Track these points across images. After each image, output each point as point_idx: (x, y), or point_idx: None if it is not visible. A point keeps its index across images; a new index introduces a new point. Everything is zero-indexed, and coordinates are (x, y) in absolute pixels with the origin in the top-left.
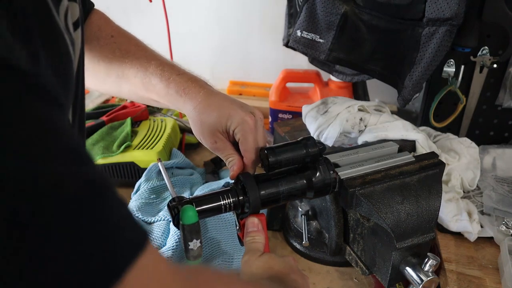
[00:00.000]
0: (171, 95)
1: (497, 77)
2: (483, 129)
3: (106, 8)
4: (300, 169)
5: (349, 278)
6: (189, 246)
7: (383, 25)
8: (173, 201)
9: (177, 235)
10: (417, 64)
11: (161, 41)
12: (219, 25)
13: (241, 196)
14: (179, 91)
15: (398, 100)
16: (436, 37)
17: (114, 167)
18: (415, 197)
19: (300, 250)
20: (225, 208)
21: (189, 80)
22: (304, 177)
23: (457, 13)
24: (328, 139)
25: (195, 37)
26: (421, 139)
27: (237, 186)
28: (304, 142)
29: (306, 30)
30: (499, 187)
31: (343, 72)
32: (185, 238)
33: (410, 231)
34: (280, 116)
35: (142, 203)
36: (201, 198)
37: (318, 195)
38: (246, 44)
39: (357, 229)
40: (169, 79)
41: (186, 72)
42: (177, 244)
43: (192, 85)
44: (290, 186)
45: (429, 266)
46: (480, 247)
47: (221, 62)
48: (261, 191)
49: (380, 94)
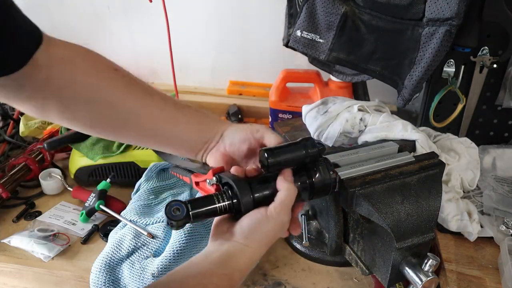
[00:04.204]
0: (208, 121)
1: (497, 77)
2: (483, 129)
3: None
4: (299, 170)
5: (349, 278)
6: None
7: (383, 25)
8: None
9: (178, 244)
10: (417, 64)
11: (161, 41)
12: (219, 25)
13: (234, 199)
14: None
15: (398, 100)
16: (436, 37)
17: (114, 167)
18: (415, 197)
19: (300, 250)
20: (220, 211)
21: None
22: (300, 179)
23: (457, 13)
24: (328, 139)
25: (195, 37)
26: (421, 139)
27: (232, 189)
28: (304, 142)
29: (306, 30)
30: (499, 187)
31: (343, 72)
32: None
33: (410, 231)
34: (280, 116)
35: (141, 205)
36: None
37: (318, 196)
38: (246, 44)
39: (357, 229)
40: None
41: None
42: (177, 253)
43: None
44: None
45: (429, 266)
46: (480, 247)
47: (221, 62)
48: (254, 193)
49: (380, 94)
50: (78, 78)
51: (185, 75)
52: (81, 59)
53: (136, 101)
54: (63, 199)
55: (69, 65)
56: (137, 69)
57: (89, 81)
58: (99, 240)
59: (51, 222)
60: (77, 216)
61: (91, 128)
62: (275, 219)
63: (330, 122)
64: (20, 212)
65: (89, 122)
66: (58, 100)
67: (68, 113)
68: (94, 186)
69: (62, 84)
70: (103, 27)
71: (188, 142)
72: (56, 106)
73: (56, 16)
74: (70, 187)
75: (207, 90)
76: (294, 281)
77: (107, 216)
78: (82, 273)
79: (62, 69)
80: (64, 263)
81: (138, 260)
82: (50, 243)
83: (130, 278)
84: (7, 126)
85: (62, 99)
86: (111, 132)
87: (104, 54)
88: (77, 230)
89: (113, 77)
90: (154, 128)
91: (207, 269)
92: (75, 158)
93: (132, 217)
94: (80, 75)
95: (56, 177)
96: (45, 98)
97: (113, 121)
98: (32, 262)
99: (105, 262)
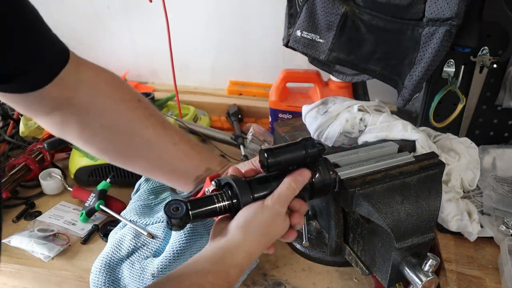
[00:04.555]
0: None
1: (497, 77)
2: (483, 129)
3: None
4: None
5: (349, 278)
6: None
7: (383, 25)
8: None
9: (178, 244)
10: (417, 64)
11: (161, 41)
12: (219, 25)
13: (234, 199)
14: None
15: (398, 100)
16: (436, 37)
17: (114, 167)
18: (415, 197)
19: (300, 250)
20: (220, 211)
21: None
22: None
23: (457, 13)
24: (328, 139)
25: (195, 37)
26: (421, 139)
27: (232, 189)
28: (304, 142)
29: (306, 30)
30: (499, 187)
31: (343, 72)
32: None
33: (410, 231)
34: (280, 116)
35: (141, 205)
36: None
37: (318, 196)
38: (246, 44)
39: (357, 229)
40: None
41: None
42: (177, 253)
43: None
44: None
45: (429, 266)
46: (480, 247)
47: (221, 62)
48: (254, 193)
49: (380, 94)
50: (100, 103)
51: (185, 75)
52: (107, 85)
53: (153, 133)
54: (63, 199)
55: (93, 89)
56: (137, 69)
57: (111, 108)
58: (99, 240)
59: (51, 222)
60: (77, 216)
61: (105, 153)
62: (270, 209)
63: (330, 122)
64: (20, 212)
65: (104, 146)
66: (77, 121)
67: (85, 135)
68: (94, 186)
69: (83, 106)
70: (103, 27)
71: (198, 177)
72: (75, 127)
73: (56, 16)
74: (70, 187)
75: (207, 90)
76: (294, 281)
77: (107, 216)
78: (82, 273)
79: (86, 92)
80: (64, 263)
81: (138, 260)
82: (50, 243)
83: (130, 278)
84: (7, 126)
85: (82, 121)
86: (122, 159)
87: (104, 54)
88: (77, 230)
89: (136, 108)
90: (165, 161)
91: (202, 268)
92: (75, 158)
93: (132, 217)
94: (103, 101)
95: (56, 177)
96: (64, 117)
97: (127, 149)
98: (32, 262)
99: (105, 262)
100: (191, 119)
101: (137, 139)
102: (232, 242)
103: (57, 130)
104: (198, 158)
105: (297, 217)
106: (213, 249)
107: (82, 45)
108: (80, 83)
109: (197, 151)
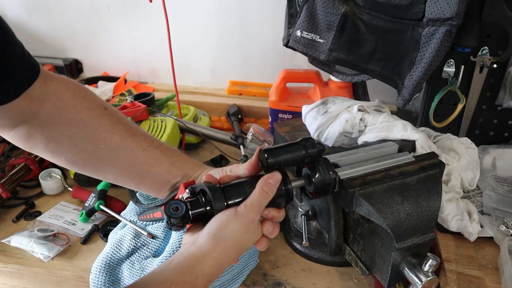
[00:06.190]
0: (185, 160)
1: (497, 77)
2: (483, 129)
3: (106, 8)
4: (299, 170)
5: (349, 278)
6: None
7: (383, 25)
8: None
9: (178, 244)
10: (417, 64)
11: (161, 41)
12: (219, 25)
13: (208, 206)
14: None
15: (398, 100)
16: (436, 37)
17: None
18: (415, 197)
19: (300, 250)
20: (193, 218)
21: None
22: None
23: (457, 13)
24: (328, 139)
25: (195, 37)
26: (421, 139)
27: (205, 196)
28: (303, 143)
29: (306, 30)
30: (499, 187)
31: (343, 72)
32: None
33: (410, 231)
34: (280, 116)
35: (140, 206)
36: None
37: (318, 196)
38: (246, 44)
39: (357, 229)
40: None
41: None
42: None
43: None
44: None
45: (429, 266)
46: (480, 247)
47: (221, 62)
48: (228, 200)
49: (380, 94)
50: (65, 113)
51: (185, 75)
52: (72, 95)
53: (120, 140)
54: (63, 199)
55: (58, 100)
56: (137, 69)
57: (76, 117)
58: (99, 240)
59: (51, 222)
60: (77, 216)
61: (73, 164)
62: (244, 216)
63: (330, 122)
64: (20, 212)
65: (71, 156)
66: (43, 133)
67: (51, 146)
68: (94, 186)
69: (48, 117)
70: (103, 27)
71: (170, 183)
72: (40, 139)
73: (56, 16)
74: (70, 187)
75: (207, 90)
76: (294, 281)
77: (107, 216)
78: (82, 273)
79: (51, 103)
80: (64, 263)
81: (138, 260)
82: (50, 243)
83: (130, 278)
84: None
85: (48, 133)
86: (92, 169)
87: (104, 54)
88: (77, 230)
89: (101, 115)
90: (134, 167)
91: (167, 279)
92: None
93: (132, 217)
94: (68, 111)
95: (56, 177)
96: (30, 130)
97: (94, 158)
98: (32, 262)
99: (105, 262)
100: (191, 119)
101: (104, 146)
102: (202, 250)
103: (24, 143)
104: (168, 162)
105: (268, 225)
106: (182, 257)
107: (82, 45)
108: (46, 95)
109: (167, 156)
